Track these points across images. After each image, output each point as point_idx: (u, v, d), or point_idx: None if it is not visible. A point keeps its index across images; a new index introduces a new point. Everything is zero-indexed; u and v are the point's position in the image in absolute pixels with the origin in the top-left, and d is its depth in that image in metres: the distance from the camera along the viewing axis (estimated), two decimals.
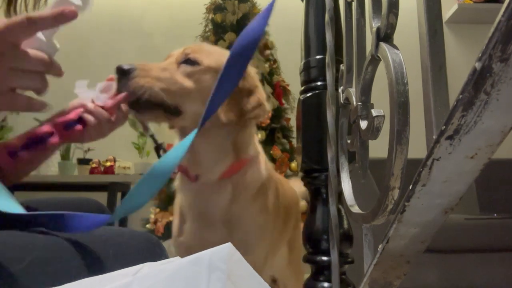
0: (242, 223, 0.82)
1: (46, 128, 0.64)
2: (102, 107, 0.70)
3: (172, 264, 0.30)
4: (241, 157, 0.83)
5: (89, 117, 0.68)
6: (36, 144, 0.62)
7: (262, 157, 0.90)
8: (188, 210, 0.85)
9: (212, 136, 0.79)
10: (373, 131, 0.43)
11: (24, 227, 0.48)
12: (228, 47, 0.86)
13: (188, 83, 0.77)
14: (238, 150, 0.82)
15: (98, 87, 0.72)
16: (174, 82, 0.76)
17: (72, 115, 0.67)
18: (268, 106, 0.85)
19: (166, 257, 0.53)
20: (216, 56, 0.81)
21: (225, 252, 0.29)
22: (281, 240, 1.00)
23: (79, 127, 0.67)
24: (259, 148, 0.91)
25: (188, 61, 0.79)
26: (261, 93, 0.83)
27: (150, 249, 0.54)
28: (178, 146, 0.55)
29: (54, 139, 0.64)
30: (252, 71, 0.85)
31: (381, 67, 0.43)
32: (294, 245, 1.08)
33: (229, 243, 0.30)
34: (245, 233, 0.82)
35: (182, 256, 0.31)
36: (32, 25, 0.49)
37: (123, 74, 0.71)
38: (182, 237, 0.86)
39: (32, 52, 0.51)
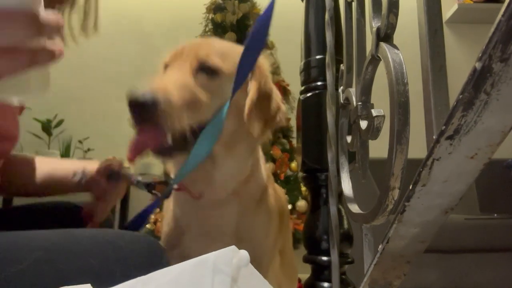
0: (250, 231, 0.78)
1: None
2: None
3: (176, 266, 0.30)
4: (253, 169, 0.78)
5: None
6: None
7: (262, 159, 0.85)
8: (188, 224, 0.79)
9: (238, 153, 0.73)
10: (373, 131, 0.43)
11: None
12: None
13: (207, 99, 0.66)
14: (254, 162, 0.78)
15: None
16: (199, 103, 0.65)
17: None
18: (284, 108, 0.78)
19: (166, 259, 0.53)
20: (232, 57, 0.70)
21: (229, 255, 0.29)
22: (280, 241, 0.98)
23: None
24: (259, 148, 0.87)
25: (204, 67, 0.68)
26: (278, 95, 0.76)
27: (150, 252, 0.54)
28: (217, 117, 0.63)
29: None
30: (266, 64, 0.76)
31: (381, 67, 0.42)
32: (285, 246, 1.07)
33: (233, 246, 0.30)
34: (254, 241, 0.78)
35: None
36: None
37: (138, 105, 0.58)
38: (178, 249, 0.79)
39: None
